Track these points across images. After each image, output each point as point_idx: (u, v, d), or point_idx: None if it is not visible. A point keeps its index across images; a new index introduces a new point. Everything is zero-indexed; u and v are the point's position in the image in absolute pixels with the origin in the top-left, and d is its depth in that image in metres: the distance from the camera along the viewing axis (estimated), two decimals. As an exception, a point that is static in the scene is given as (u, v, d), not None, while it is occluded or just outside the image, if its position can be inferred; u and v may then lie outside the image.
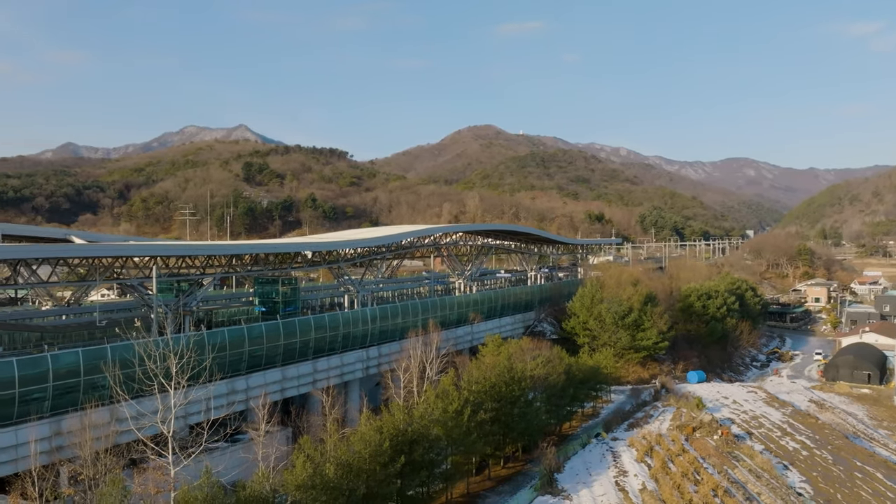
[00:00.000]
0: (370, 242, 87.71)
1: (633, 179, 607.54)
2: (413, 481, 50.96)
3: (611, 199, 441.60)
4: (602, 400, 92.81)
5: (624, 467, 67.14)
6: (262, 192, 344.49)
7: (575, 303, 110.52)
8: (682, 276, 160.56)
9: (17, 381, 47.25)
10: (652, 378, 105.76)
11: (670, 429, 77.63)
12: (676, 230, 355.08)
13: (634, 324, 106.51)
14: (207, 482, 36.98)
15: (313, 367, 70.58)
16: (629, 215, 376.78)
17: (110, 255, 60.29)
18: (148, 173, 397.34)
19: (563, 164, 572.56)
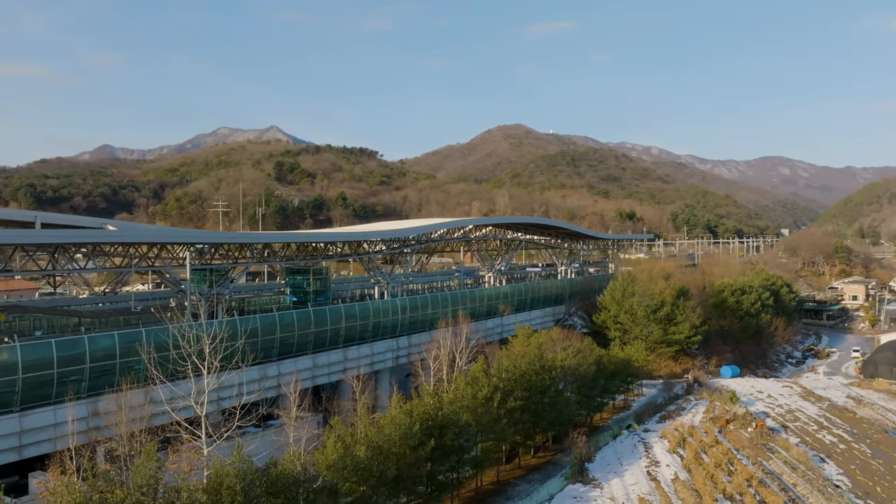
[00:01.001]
0: (400, 233, 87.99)
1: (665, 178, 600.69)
2: (443, 466, 50.97)
3: (642, 198, 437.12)
4: (633, 393, 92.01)
5: (656, 458, 66.44)
6: (294, 190, 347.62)
7: (606, 296, 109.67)
8: (714, 271, 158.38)
9: (56, 362, 48.28)
10: (684, 373, 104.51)
11: (703, 421, 76.60)
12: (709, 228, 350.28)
13: (666, 318, 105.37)
14: (239, 458, 37.27)
15: (343, 356, 70.96)
16: (661, 213, 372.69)
17: (145, 241, 61.30)
18: (182, 173, 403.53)
19: (594, 162, 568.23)
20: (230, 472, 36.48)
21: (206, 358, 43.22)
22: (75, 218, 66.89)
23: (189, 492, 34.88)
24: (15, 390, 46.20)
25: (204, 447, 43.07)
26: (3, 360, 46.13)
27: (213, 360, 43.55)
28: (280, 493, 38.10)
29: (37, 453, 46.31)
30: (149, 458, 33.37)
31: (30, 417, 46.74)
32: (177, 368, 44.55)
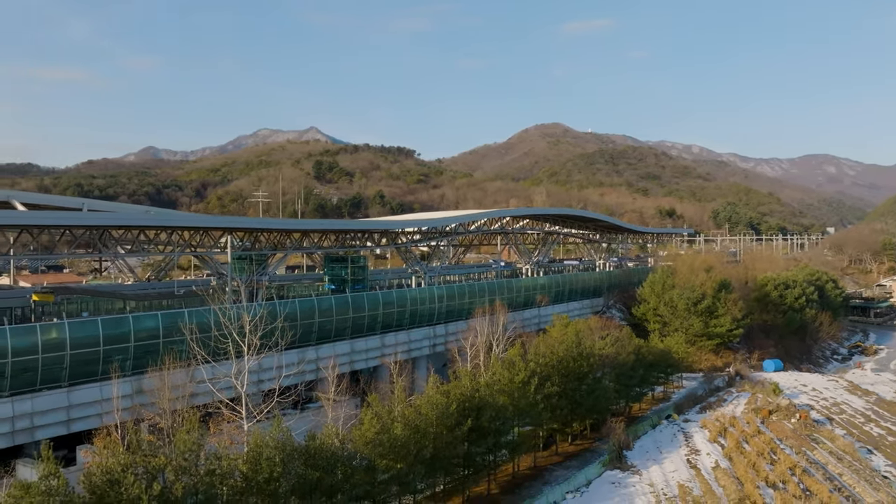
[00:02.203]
0: (438, 222, 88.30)
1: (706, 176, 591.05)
2: (479, 447, 50.96)
3: (682, 196, 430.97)
4: (673, 385, 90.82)
5: (696, 447, 65.54)
6: (332, 189, 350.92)
7: (645, 289, 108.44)
8: (757, 266, 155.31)
9: (102, 339, 49.57)
10: (725, 366, 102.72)
11: (745, 412, 75.31)
12: (752, 226, 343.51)
13: (707, 310, 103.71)
14: (278, 430, 37.83)
15: (381, 342, 71.45)
16: (702, 211, 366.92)
17: (188, 225, 62.62)
18: (223, 173, 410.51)
19: (633, 160, 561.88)
20: (270, 443, 37.06)
21: (247, 336, 44.03)
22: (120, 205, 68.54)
23: (229, 460, 35.53)
24: (63, 366, 47.56)
25: (244, 423, 43.91)
26: (53, 338, 47.54)
27: (253, 337, 44.34)
28: (318, 466, 38.53)
29: (84, 428, 47.55)
30: (191, 427, 34.01)
31: (77, 393, 48.09)
32: (218, 346, 45.48)
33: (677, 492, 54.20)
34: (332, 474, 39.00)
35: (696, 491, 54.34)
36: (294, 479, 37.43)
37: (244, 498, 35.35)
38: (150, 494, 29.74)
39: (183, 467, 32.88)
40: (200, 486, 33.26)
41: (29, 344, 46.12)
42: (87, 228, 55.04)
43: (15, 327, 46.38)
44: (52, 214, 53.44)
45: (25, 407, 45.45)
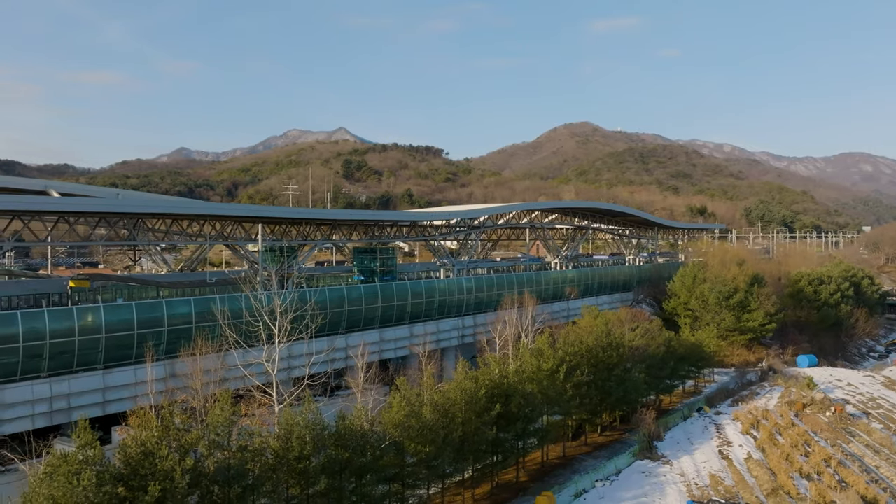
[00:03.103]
0: (468, 214, 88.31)
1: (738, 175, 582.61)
2: (508, 433, 50.88)
3: (714, 194, 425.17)
4: (704, 380, 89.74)
5: (728, 438, 64.75)
6: (361, 187, 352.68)
7: (676, 283, 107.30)
8: (790, 262, 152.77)
9: (136, 324, 50.42)
10: (758, 361, 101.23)
11: (778, 405, 74.20)
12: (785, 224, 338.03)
13: (740, 305, 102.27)
14: (309, 410, 38.16)
15: (410, 332, 71.66)
16: (733, 209, 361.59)
17: (221, 214, 63.41)
18: (254, 173, 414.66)
19: (663, 159, 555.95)
20: (300, 422, 37.42)
21: (278, 319, 44.50)
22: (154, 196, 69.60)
23: (261, 438, 35.94)
24: (99, 349, 48.48)
25: (275, 406, 44.37)
26: (89, 321, 48.48)
27: (284, 321, 44.80)
28: (348, 446, 38.80)
29: (118, 410, 48.42)
30: (224, 403, 34.44)
31: (112, 375, 49.01)
32: (249, 330, 46.02)
33: (709, 481, 53.64)
34: (361, 455, 39.23)
35: (727, 481, 53.73)
36: (324, 459, 37.77)
37: (275, 475, 35.75)
38: (182, 467, 30.18)
39: (215, 442, 33.35)
40: (232, 461, 33.70)
41: (66, 327, 47.10)
42: (122, 216, 56.00)
43: (53, 310, 47.40)
44: (87, 201, 54.47)
45: (63, 388, 46.43)
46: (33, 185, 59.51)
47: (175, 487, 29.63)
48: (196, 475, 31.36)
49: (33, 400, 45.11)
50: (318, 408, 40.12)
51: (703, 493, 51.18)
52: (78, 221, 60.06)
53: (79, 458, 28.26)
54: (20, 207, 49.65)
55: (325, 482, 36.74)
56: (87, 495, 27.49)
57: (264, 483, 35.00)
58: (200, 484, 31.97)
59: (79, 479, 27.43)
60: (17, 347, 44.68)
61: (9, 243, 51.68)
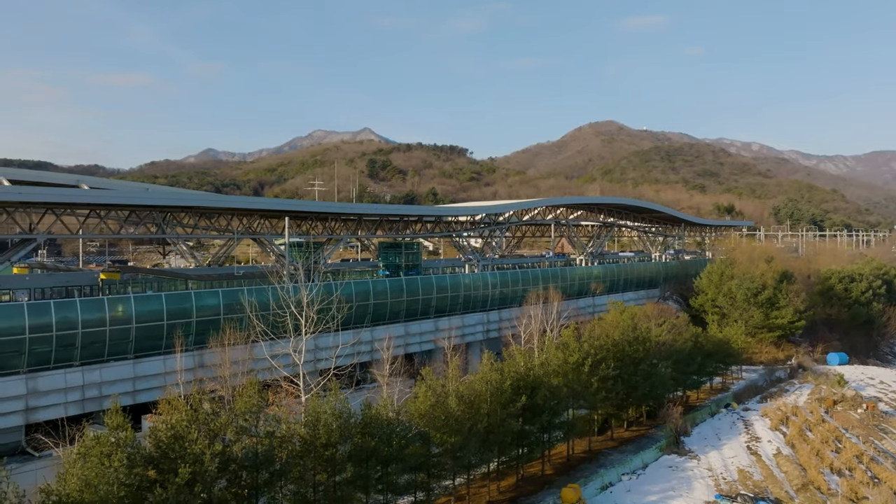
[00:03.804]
0: (494, 209, 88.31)
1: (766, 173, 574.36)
2: (533, 425, 50.77)
3: (741, 192, 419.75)
4: (732, 377, 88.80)
5: (756, 434, 63.98)
6: (385, 187, 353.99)
7: (703, 279, 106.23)
8: (820, 260, 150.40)
9: (166, 314, 51.11)
10: (787, 359, 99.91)
11: (808, 402, 73.13)
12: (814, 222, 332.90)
13: (768, 302, 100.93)
14: (335, 398, 38.42)
15: (435, 326, 71.79)
16: (761, 207, 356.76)
17: (248, 207, 64.08)
18: (279, 172, 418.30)
19: (690, 157, 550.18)
20: (327, 410, 37.69)
21: (304, 309, 44.87)
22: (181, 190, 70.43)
23: (288, 424, 36.27)
24: (129, 339, 49.22)
25: (302, 394, 44.78)
26: (120, 311, 49.26)
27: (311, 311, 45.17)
28: (374, 435, 39.02)
29: (148, 399, 49.05)
30: (252, 389, 34.79)
31: (142, 365, 49.75)
32: (277, 321, 46.46)
33: (737, 476, 53.06)
34: (387, 444, 39.43)
35: (756, 476, 53.13)
36: (351, 447, 38.02)
37: (302, 462, 36.03)
38: (212, 451, 30.55)
39: (243, 428, 33.71)
40: (260, 447, 34.05)
41: (97, 317, 47.92)
42: (151, 209, 56.75)
43: (84, 300, 48.24)
44: (117, 193, 55.32)
45: (94, 377, 47.23)
46: (65, 180, 60.59)
47: (204, 471, 30.01)
48: (225, 459, 31.73)
49: (66, 388, 45.95)
50: (345, 397, 40.39)
51: (732, 487, 50.66)
52: (108, 216, 61.01)
53: (111, 440, 28.76)
54: (52, 200, 50.60)
55: (351, 470, 37.01)
56: (118, 477, 27.98)
57: (292, 469, 35.30)
58: (229, 468, 32.35)
59: (110, 460, 27.93)
60: (51, 336, 45.54)
61: (42, 235, 52.63)
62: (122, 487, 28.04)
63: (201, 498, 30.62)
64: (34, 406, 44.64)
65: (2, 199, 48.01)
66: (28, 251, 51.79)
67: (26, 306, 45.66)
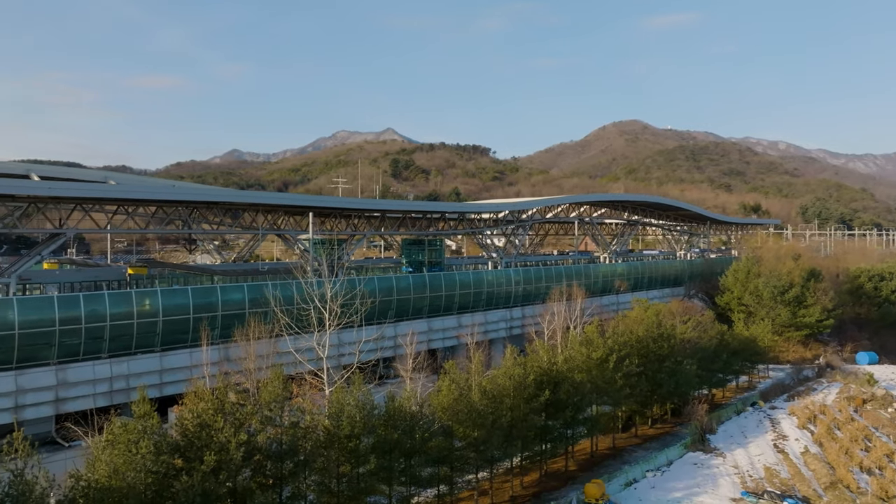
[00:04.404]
0: (514, 206, 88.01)
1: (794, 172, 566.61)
2: (557, 420, 50.60)
3: (768, 192, 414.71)
4: (758, 376, 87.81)
5: (783, 432, 63.21)
6: (409, 186, 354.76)
7: (729, 277, 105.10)
8: (849, 259, 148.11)
9: (192, 308, 51.69)
10: (815, 358, 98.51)
11: (837, 400, 72.05)
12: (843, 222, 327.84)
13: (796, 300, 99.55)
14: (359, 390, 38.60)
15: (458, 322, 71.79)
16: (788, 206, 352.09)
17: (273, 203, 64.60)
18: (303, 173, 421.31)
19: (715, 156, 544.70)
20: (351, 402, 37.88)
21: (328, 302, 45.18)
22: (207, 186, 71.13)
23: (312, 415, 36.50)
24: (156, 332, 49.85)
25: (326, 387, 45.06)
26: (147, 305, 49.90)
27: (334, 305, 45.47)
28: (397, 427, 39.15)
29: (174, 392, 49.60)
30: (276, 380, 35.06)
31: (169, 358, 50.33)
32: (301, 314, 46.81)
33: (763, 474, 52.44)
34: (410, 437, 39.54)
35: (783, 474, 52.46)
36: (374, 439, 38.18)
37: (326, 452, 36.22)
38: (237, 440, 30.83)
39: (268, 418, 33.98)
40: (284, 437, 34.30)
41: (125, 310, 48.59)
42: (178, 204, 57.45)
43: (112, 293, 48.95)
44: (145, 189, 56.08)
45: (122, 369, 47.90)
46: (93, 177, 61.48)
47: (230, 459, 30.30)
48: (250, 449, 32.00)
49: (94, 380, 46.63)
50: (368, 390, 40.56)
51: (758, 484, 50.06)
52: (136, 212, 61.82)
53: (138, 428, 29.14)
54: (81, 194, 51.41)
55: (374, 462, 37.14)
56: (145, 464, 28.35)
57: (315, 460, 35.48)
58: (253, 458, 32.62)
59: (137, 447, 28.32)
60: (80, 329, 46.26)
61: (71, 230, 53.49)
62: (149, 475, 28.41)
63: (226, 487, 30.94)
64: (64, 397, 45.37)
65: (33, 194, 48.90)
66: (57, 246, 52.62)
67: (56, 299, 46.46)
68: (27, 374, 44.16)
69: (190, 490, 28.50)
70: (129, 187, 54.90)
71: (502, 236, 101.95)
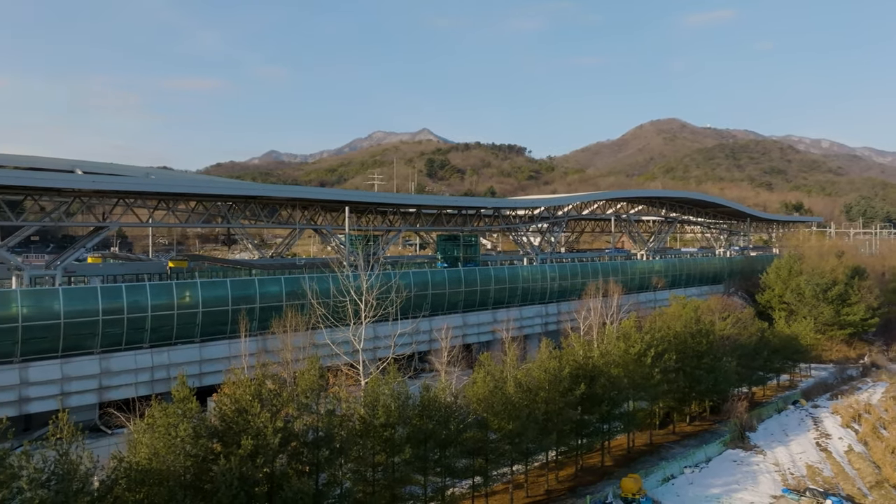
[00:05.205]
0: (550, 202, 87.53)
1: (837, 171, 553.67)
2: (593, 415, 50.23)
3: (810, 190, 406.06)
4: (800, 374, 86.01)
5: (826, 431, 61.83)
6: (443, 185, 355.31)
7: (770, 275, 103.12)
8: (895, 257, 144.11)
9: (231, 300, 52.46)
10: (859, 358, 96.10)
11: (883, 399, 70.28)
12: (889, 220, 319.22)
13: (839, 298, 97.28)
14: (394, 379, 38.78)
15: (493, 317, 71.64)
16: (832, 205, 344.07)
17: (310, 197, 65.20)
18: (340, 173, 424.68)
19: (756, 154, 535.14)
20: (386, 391, 38.09)
21: (364, 294, 45.53)
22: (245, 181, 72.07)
23: (348, 403, 36.77)
24: (196, 323, 50.70)
25: (362, 378, 45.42)
26: (187, 296, 50.78)
27: (370, 297, 45.80)
28: (432, 417, 39.22)
29: (213, 382, 50.30)
30: (313, 367, 35.38)
31: (208, 348, 51.17)
32: (337, 306, 47.25)
33: (805, 472, 51.36)
34: (444, 427, 39.57)
35: (826, 472, 51.32)
36: (409, 429, 38.31)
37: (361, 441, 36.48)
38: (274, 426, 31.18)
39: (304, 405, 34.28)
40: (320, 424, 34.58)
41: (166, 301, 49.53)
42: (217, 198, 58.34)
43: (154, 284, 49.99)
44: (185, 183, 57.17)
45: (163, 359, 48.83)
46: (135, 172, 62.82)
47: (266, 444, 30.66)
48: (286, 435, 32.32)
49: (136, 369, 47.63)
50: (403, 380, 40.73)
51: (800, 482, 49.04)
52: (177, 206, 62.95)
53: (177, 411, 29.66)
54: (123, 188, 52.50)
55: (409, 451, 37.25)
56: (184, 447, 28.85)
57: (351, 448, 35.72)
58: (290, 444, 32.95)
59: (176, 430, 28.83)
60: (122, 319, 47.27)
61: (114, 224, 54.69)
62: (188, 458, 28.88)
63: (263, 472, 31.29)
64: (107, 385, 46.40)
65: (77, 187, 50.16)
66: (100, 238, 53.84)
67: (99, 289, 47.56)
68: (72, 362, 45.29)
69: (228, 474, 28.87)
70: (169, 181, 55.98)
71: (538, 234, 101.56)
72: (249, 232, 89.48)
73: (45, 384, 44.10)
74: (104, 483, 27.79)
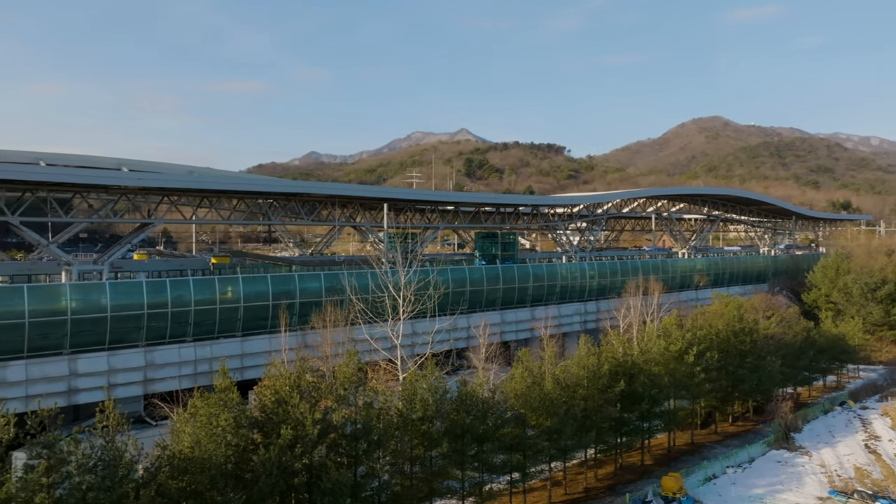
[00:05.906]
0: (589, 199, 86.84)
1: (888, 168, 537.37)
2: (632, 413, 49.66)
3: (859, 188, 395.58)
4: (847, 375, 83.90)
5: (875, 433, 60.19)
6: (482, 185, 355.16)
7: (816, 274, 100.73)
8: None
9: (271, 295, 53.20)
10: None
11: (935, 402, 68.07)
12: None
13: (889, 297, 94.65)
14: (431, 373, 38.88)
15: (531, 315, 71.37)
16: (882, 204, 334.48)
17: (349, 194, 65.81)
18: (379, 173, 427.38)
19: (802, 152, 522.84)
20: (423, 385, 38.21)
21: (402, 289, 45.73)
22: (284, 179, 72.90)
23: (386, 396, 36.97)
24: (237, 318, 51.54)
25: (400, 373, 45.64)
26: (229, 291, 51.65)
27: (408, 292, 46.00)
28: (469, 412, 39.20)
29: (254, 376, 51.15)
30: (351, 359, 35.67)
31: (249, 343, 51.98)
32: (376, 302, 47.53)
33: (853, 474, 50.05)
34: (481, 422, 39.52)
35: (875, 474, 49.95)
36: (446, 423, 38.36)
37: (399, 434, 36.64)
38: (313, 417, 31.53)
39: (342, 396, 34.58)
40: (358, 417, 34.83)
41: (208, 296, 50.44)
42: (258, 195, 59.23)
43: (197, 279, 50.95)
44: (228, 180, 58.10)
45: (205, 352, 49.76)
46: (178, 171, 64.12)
47: (305, 435, 31.01)
48: (325, 426, 32.65)
49: (179, 362, 48.64)
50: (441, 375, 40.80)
51: (847, 484, 47.81)
52: (219, 203, 64.07)
53: (219, 400, 30.18)
54: (167, 185, 53.66)
55: (446, 446, 37.34)
56: (225, 436, 29.33)
57: (389, 441, 35.90)
58: (329, 436, 33.27)
59: (217, 420, 29.33)
60: (166, 313, 48.30)
61: (159, 220, 55.92)
62: (229, 447, 29.36)
63: (302, 462, 31.65)
64: (151, 378, 47.47)
65: (123, 184, 51.38)
66: (146, 234, 55.08)
67: (145, 284, 48.67)
68: (118, 355, 46.44)
69: (267, 463, 29.30)
70: (212, 179, 57.03)
71: (577, 232, 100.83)
72: (290, 230, 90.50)
73: (93, 376, 45.29)
74: (148, 470, 28.41)
